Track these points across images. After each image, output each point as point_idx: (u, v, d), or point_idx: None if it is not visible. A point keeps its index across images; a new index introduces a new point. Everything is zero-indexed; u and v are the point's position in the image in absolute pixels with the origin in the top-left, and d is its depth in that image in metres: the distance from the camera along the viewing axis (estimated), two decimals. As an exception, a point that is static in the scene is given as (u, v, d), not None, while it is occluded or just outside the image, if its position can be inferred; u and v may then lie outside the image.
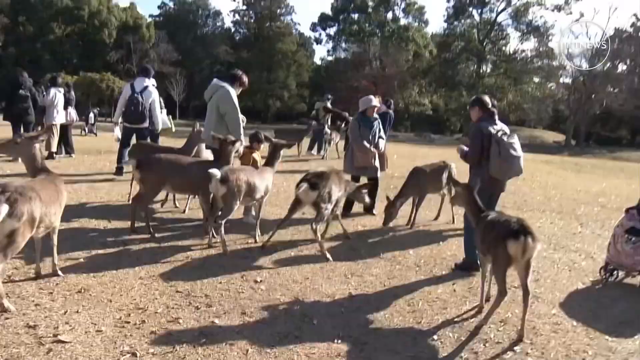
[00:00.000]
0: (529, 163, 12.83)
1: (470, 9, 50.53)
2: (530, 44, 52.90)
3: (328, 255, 5.70)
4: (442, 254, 6.25)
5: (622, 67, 47.70)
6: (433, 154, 16.99)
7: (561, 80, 51.05)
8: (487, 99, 5.84)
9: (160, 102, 10.34)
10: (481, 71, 50.59)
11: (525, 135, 49.56)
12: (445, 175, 7.93)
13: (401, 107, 46.84)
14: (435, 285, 5.17)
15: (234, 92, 6.71)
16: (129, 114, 9.36)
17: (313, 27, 60.40)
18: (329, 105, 17.32)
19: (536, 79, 48.75)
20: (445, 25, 52.51)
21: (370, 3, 55.65)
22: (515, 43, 63.41)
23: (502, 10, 49.60)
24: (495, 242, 4.21)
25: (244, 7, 60.61)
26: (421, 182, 7.61)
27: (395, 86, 48.93)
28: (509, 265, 4.16)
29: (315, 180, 5.93)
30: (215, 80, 6.94)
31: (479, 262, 5.68)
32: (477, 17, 51.02)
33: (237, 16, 61.10)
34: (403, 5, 56.22)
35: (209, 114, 6.87)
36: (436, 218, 8.23)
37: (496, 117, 5.69)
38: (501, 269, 4.18)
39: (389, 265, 5.69)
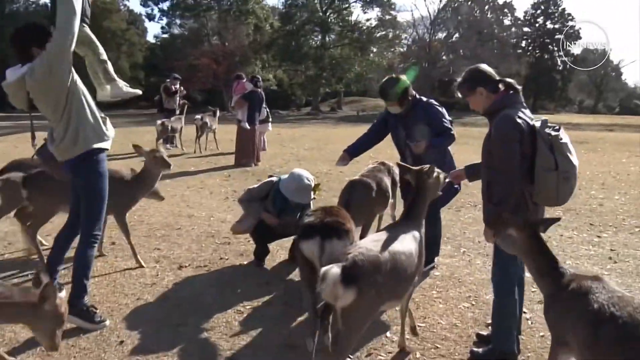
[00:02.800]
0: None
1: (312, -22, 48.80)
2: (374, 13, 52.85)
3: None
4: (435, 328, 4.06)
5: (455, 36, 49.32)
6: (302, 134, 14.84)
7: (398, 49, 51.86)
8: (488, 68, 3.57)
9: None
10: (326, 41, 49.16)
11: (372, 106, 49.92)
12: (390, 185, 5.74)
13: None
14: None
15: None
16: None
17: (144, 2, 54.81)
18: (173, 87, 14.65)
19: (374, 49, 48.60)
20: (287, -4, 50.28)
21: (205, -26, 51.81)
22: (359, 12, 63.69)
23: (344, -22, 48.37)
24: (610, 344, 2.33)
25: (62, -19, 53.55)
26: (367, 202, 5.27)
27: (237, 62, 46.11)
28: None
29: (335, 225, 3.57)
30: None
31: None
32: (318, -13, 49.37)
33: None
34: (240, -23, 53.02)
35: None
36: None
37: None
38: None
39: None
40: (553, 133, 3.23)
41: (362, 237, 5.03)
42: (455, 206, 8.04)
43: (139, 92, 4.11)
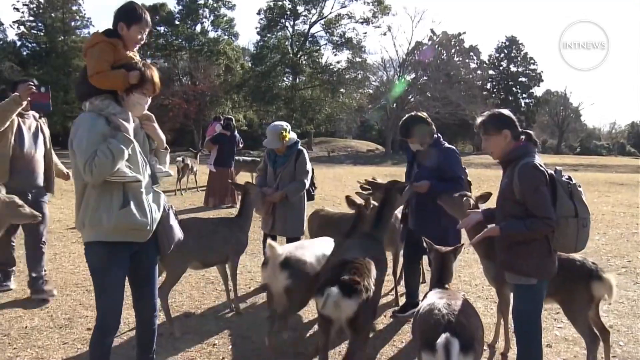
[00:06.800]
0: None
1: (283, 21, 49.51)
2: (344, 55, 53.75)
3: None
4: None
5: (424, 78, 50.35)
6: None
7: (367, 90, 52.65)
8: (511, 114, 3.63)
9: None
10: (297, 83, 49.65)
11: (341, 146, 50.35)
12: None
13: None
14: None
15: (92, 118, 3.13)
16: None
17: (114, 42, 54.76)
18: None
19: (343, 90, 49.09)
20: (258, 37, 50.97)
21: (177, 15, 52.08)
22: (329, 54, 64.45)
23: (315, 22, 49.25)
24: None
25: (31, 19, 52.77)
26: None
27: (207, 102, 46.22)
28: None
29: (351, 277, 3.50)
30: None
31: None
32: (290, 29, 50.18)
33: (22, 28, 52.69)
34: (212, 18, 53.38)
35: None
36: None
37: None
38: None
39: None
40: (572, 181, 3.34)
41: None
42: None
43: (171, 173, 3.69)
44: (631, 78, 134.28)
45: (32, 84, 4.92)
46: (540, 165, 3.35)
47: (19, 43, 54.35)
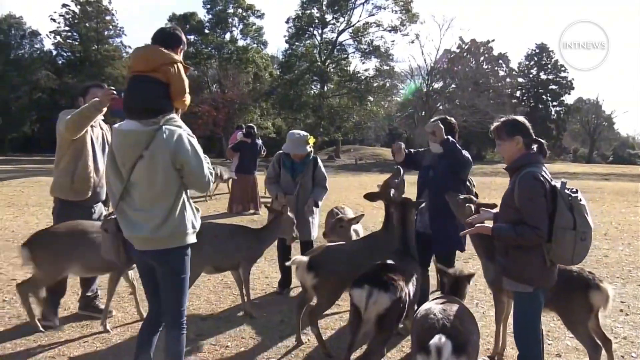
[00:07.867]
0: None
1: (312, 29, 49.93)
2: (372, 64, 53.82)
3: None
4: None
5: (452, 86, 50.13)
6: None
7: (395, 98, 52.59)
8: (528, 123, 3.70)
9: None
10: (325, 91, 49.85)
11: (369, 154, 50.36)
12: None
13: (243, 132, 44.21)
14: None
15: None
16: None
17: (146, 50, 55.83)
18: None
19: (371, 98, 49.09)
20: (287, 46, 51.44)
21: (207, 24, 52.96)
22: (357, 62, 64.47)
23: (343, 30, 49.60)
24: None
25: (66, 29, 54.17)
26: None
27: (236, 110, 46.73)
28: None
29: (390, 276, 3.80)
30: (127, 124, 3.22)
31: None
32: (318, 38, 50.57)
33: (58, 38, 54.17)
34: (241, 27, 54.24)
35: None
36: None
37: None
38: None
39: None
40: (573, 194, 3.39)
41: None
42: (464, 257, 8.09)
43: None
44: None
45: (112, 88, 4.38)
46: (542, 176, 3.42)
47: (54, 52, 55.97)
